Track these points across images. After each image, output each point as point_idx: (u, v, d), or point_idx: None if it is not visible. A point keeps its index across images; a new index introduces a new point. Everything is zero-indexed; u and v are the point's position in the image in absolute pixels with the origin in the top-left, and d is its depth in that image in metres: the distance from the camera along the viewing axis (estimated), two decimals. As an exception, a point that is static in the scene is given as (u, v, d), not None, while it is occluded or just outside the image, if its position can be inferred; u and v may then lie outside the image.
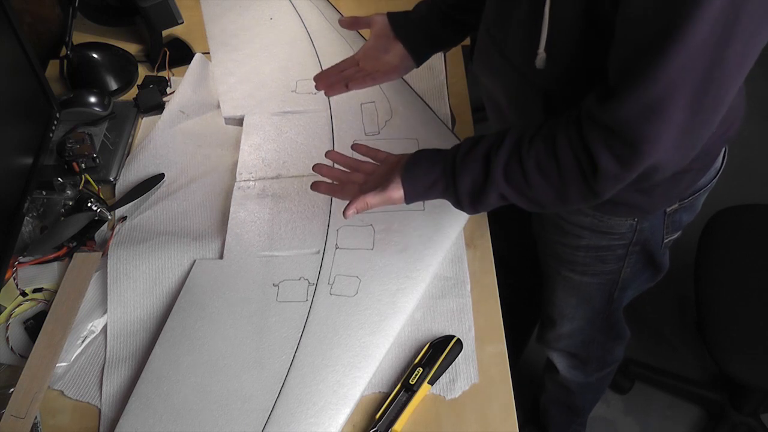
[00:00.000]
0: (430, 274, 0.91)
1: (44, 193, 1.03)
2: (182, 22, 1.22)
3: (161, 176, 1.07)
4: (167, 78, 1.22)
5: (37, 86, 1.02)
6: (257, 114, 1.13)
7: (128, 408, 0.81)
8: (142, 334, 0.89)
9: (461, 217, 0.96)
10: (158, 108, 1.17)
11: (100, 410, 0.84)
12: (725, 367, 1.22)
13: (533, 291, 1.22)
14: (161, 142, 1.11)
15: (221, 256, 0.95)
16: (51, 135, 1.05)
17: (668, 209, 0.90)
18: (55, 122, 1.06)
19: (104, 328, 0.90)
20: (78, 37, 1.27)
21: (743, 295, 1.28)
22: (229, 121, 1.14)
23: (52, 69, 1.25)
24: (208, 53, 1.24)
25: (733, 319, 1.25)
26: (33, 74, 1.01)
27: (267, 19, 1.27)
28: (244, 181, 1.04)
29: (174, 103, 1.16)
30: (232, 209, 1.00)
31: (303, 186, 1.02)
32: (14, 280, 0.94)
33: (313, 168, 0.86)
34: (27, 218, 0.98)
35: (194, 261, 0.94)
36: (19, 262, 0.96)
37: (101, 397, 0.84)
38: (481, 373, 0.84)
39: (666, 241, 0.96)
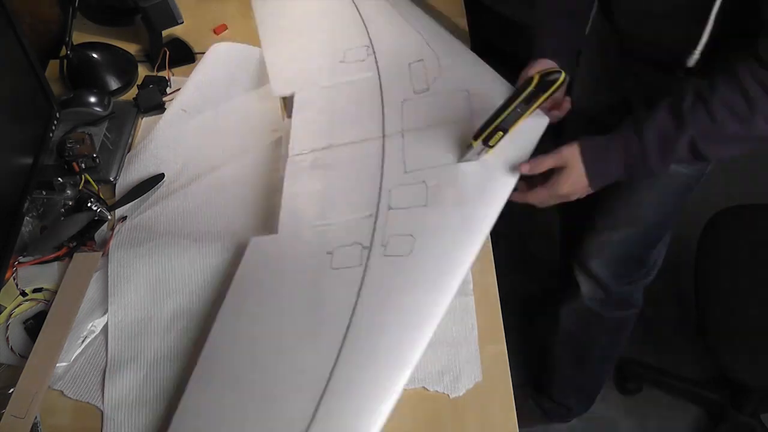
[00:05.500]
0: (487, 225, 0.87)
1: (44, 193, 1.03)
2: (182, 22, 1.22)
3: (161, 176, 1.07)
4: (167, 78, 1.22)
5: (37, 86, 1.02)
6: (307, 89, 1.11)
7: (189, 386, 0.81)
8: (142, 335, 0.89)
9: (519, 161, 0.91)
10: (158, 108, 1.17)
11: (101, 411, 0.83)
12: (725, 368, 1.22)
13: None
14: (161, 142, 1.11)
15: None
16: (51, 135, 1.04)
17: None
18: (55, 122, 1.06)
19: (104, 328, 0.90)
20: (78, 37, 1.27)
21: (743, 295, 1.28)
22: (280, 97, 1.13)
23: (52, 69, 1.25)
24: (201, 53, 1.25)
25: (733, 319, 1.25)
26: (33, 74, 1.01)
27: None
28: (297, 155, 1.02)
29: (176, 102, 1.16)
30: (285, 184, 0.98)
31: (354, 152, 1.00)
32: (14, 280, 0.94)
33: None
34: (27, 218, 0.98)
35: (250, 239, 0.93)
36: (19, 262, 0.96)
37: (102, 398, 0.84)
38: (482, 372, 0.85)
39: None
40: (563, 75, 0.79)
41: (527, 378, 1.59)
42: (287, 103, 1.12)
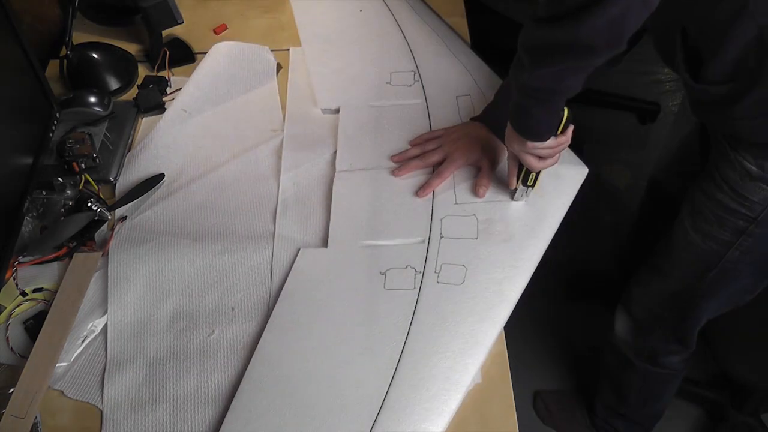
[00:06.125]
0: (533, 263, 0.92)
1: (44, 193, 1.03)
2: (182, 22, 1.22)
3: (161, 176, 1.07)
4: (167, 78, 1.22)
5: (37, 86, 1.02)
6: (353, 105, 1.15)
7: (241, 389, 0.82)
8: (142, 335, 0.89)
9: (562, 206, 0.98)
10: (158, 108, 1.17)
11: (101, 411, 0.83)
12: (726, 367, 1.22)
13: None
14: (162, 141, 1.11)
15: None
16: (51, 135, 1.05)
17: None
18: (55, 122, 1.06)
19: (104, 328, 0.90)
20: (78, 37, 1.27)
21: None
22: (326, 111, 1.16)
23: (52, 69, 1.25)
24: (201, 53, 1.25)
25: (733, 318, 1.25)
26: (33, 74, 1.01)
27: (357, 11, 1.32)
28: (344, 171, 1.04)
29: (177, 102, 1.16)
30: (333, 198, 1.01)
31: (405, 176, 1.03)
32: (14, 280, 0.94)
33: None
34: (27, 218, 0.98)
35: (299, 249, 0.96)
36: (19, 262, 0.96)
37: (102, 398, 0.84)
38: (482, 373, 0.85)
39: None
40: (566, 111, 0.87)
41: (582, 387, 1.59)
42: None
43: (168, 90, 1.21)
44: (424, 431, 0.79)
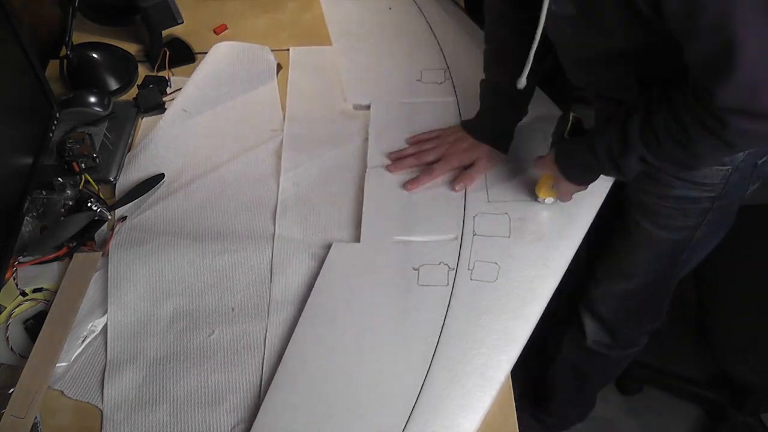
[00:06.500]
0: (565, 261, 0.93)
1: (44, 193, 1.03)
2: (182, 22, 1.22)
3: (161, 176, 1.07)
4: (167, 78, 1.22)
5: (37, 86, 1.02)
6: (384, 102, 1.15)
7: (274, 384, 0.82)
8: (142, 335, 0.89)
9: (592, 208, 0.98)
10: (158, 108, 1.17)
11: (101, 411, 0.83)
12: (726, 367, 1.22)
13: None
14: (162, 141, 1.11)
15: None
16: (51, 135, 1.05)
17: (759, 161, 0.92)
18: (55, 122, 1.06)
19: (104, 328, 0.90)
20: (78, 37, 1.27)
21: (744, 295, 1.28)
22: (357, 107, 1.16)
23: (52, 69, 1.25)
24: (201, 53, 1.25)
25: (734, 318, 1.25)
26: (33, 74, 1.01)
27: (386, 8, 1.32)
28: (375, 167, 1.05)
29: (177, 102, 1.16)
30: (365, 194, 1.01)
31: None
32: (14, 280, 0.94)
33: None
34: (27, 218, 0.98)
35: (331, 244, 0.96)
36: (19, 262, 0.96)
37: (102, 398, 0.84)
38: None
39: (748, 192, 0.98)
40: (572, 115, 0.88)
41: (527, 391, 1.59)
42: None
43: (168, 90, 1.21)
44: (458, 427, 0.78)
